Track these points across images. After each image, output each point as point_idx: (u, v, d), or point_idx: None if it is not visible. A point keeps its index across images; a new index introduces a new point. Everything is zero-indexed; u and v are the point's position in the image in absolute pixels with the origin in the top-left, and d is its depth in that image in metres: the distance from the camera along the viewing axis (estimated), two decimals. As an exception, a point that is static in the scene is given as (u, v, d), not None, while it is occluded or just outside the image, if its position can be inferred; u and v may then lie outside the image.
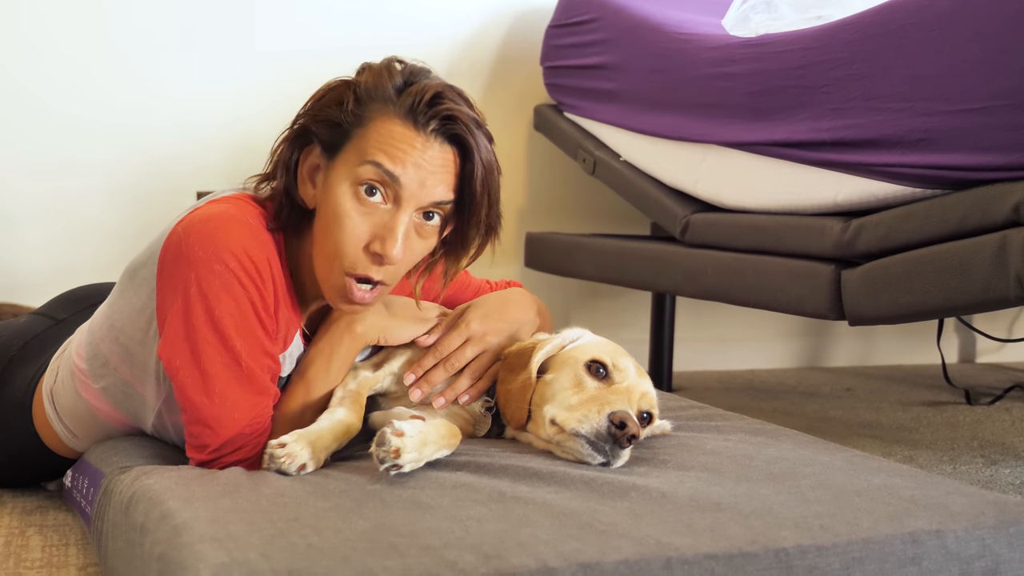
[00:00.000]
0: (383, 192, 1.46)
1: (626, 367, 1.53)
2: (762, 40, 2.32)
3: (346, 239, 1.46)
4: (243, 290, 1.43)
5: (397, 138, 1.45)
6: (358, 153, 1.46)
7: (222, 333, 1.43)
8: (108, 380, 1.64)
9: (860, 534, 1.17)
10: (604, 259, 2.76)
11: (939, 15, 1.85)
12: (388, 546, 1.09)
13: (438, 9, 3.24)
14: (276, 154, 1.54)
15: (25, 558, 1.58)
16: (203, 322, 1.43)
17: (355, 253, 1.47)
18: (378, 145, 1.45)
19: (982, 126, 1.78)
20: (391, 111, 1.46)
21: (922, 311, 1.87)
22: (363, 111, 1.47)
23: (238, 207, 1.50)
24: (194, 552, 1.07)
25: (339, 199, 1.46)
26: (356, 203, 1.46)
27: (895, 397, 3.10)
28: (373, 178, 1.45)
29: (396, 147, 1.45)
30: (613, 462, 1.42)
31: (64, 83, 2.87)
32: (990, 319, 3.74)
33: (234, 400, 1.45)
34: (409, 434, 1.33)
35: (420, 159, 1.45)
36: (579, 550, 1.09)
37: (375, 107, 1.47)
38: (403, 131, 1.45)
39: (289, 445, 1.38)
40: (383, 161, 1.44)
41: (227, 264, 1.42)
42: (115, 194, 2.93)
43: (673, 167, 2.61)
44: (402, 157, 1.44)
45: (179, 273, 1.44)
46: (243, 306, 1.44)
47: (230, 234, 1.44)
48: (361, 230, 1.46)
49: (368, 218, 1.46)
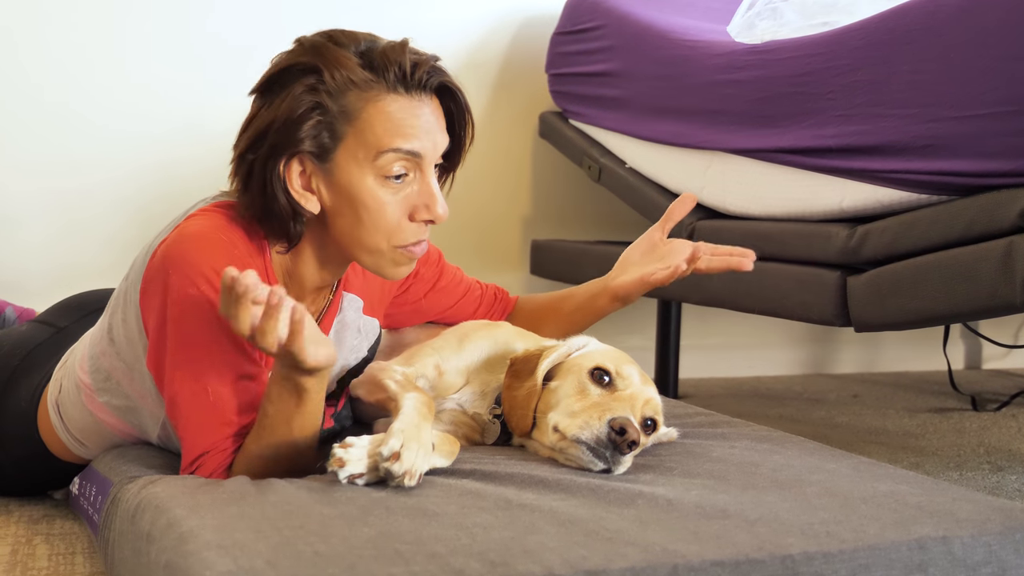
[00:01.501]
0: (409, 170, 1.49)
1: (630, 374, 1.53)
2: (767, 47, 2.32)
3: (391, 222, 1.49)
4: (213, 310, 1.41)
5: (400, 115, 1.46)
6: (367, 147, 1.46)
7: (191, 357, 1.43)
8: (112, 393, 1.64)
9: (866, 541, 1.17)
10: (610, 266, 2.76)
11: (945, 21, 1.85)
12: (394, 553, 1.09)
13: (443, 16, 3.24)
14: (252, 176, 1.48)
15: (32, 567, 1.58)
16: (173, 346, 1.44)
17: (404, 229, 1.50)
18: (386, 131, 1.45)
19: (988, 132, 1.78)
20: (377, 92, 1.46)
21: (928, 317, 1.87)
22: (345, 104, 1.45)
23: (216, 223, 1.49)
24: (200, 559, 1.07)
25: (368, 193, 1.48)
26: (388, 191, 1.48)
27: (901, 403, 3.09)
28: (398, 162, 1.47)
29: (404, 124, 1.46)
30: (615, 469, 1.42)
31: (67, 84, 2.88)
32: (996, 325, 3.72)
33: (197, 424, 1.45)
34: (358, 445, 1.32)
35: (426, 123, 1.48)
36: (585, 557, 1.09)
37: (356, 95, 1.46)
38: (400, 105, 1.46)
39: (404, 456, 1.29)
40: (402, 145, 1.46)
41: (199, 288, 1.42)
42: (117, 195, 2.93)
43: (678, 174, 2.61)
44: (414, 131, 1.47)
45: (155, 296, 1.45)
46: (215, 330, 1.42)
47: (201, 256, 1.43)
48: (401, 209, 1.50)
49: (402, 196, 1.49)
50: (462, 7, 3.27)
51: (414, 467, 1.29)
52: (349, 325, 1.74)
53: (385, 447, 1.28)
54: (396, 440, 1.29)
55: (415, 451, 1.30)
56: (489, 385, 1.65)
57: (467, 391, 1.64)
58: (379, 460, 1.29)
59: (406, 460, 1.28)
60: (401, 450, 1.28)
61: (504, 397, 1.58)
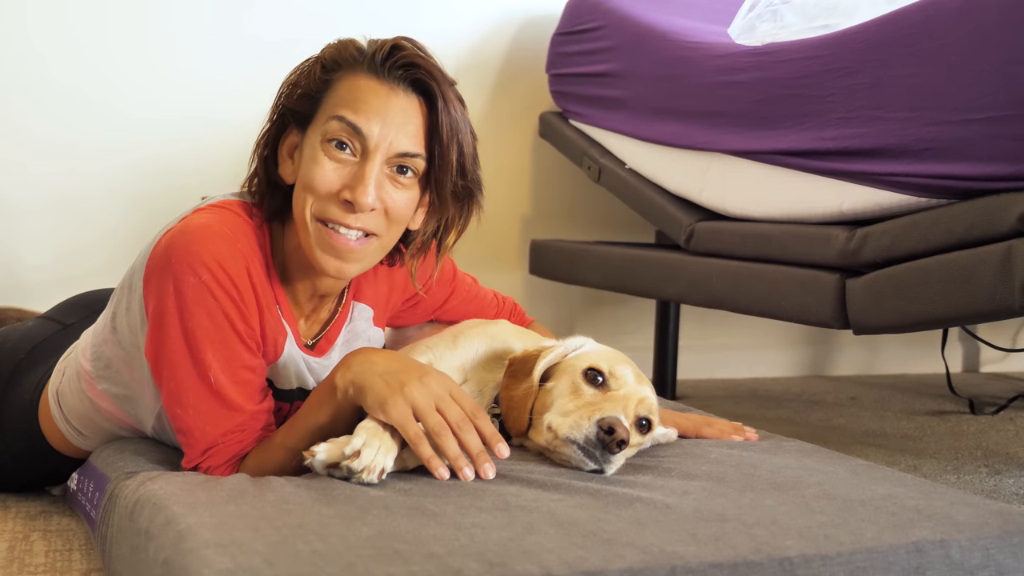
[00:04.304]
0: (351, 146, 1.48)
1: (623, 374, 1.54)
2: (768, 49, 2.32)
3: (316, 186, 1.48)
4: (216, 303, 1.43)
5: (362, 90, 1.48)
6: (325, 114, 1.50)
7: (193, 347, 1.44)
8: (111, 381, 1.65)
9: (864, 544, 1.17)
10: (609, 267, 2.77)
11: (945, 25, 1.86)
12: (392, 553, 1.09)
13: (443, 16, 3.24)
14: (260, 147, 1.58)
15: (29, 563, 1.58)
16: (175, 335, 1.44)
17: (325, 199, 1.49)
18: (343, 101, 1.48)
19: (988, 136, 1.78)
20: (355, 69, 1.50)
21: (927, 320, 1.87)
22: (330, 76, 1.51)
23: (221, 217, 1.50)
24: (199, 557, 1.07)
25: (310, 149, 1.50)
26: (326, 157, 1.48)
27: (899, 406, 3.09)
28: (339, 131, 1.48)
29: (360, 99, 1.48)
30: (606, 468, 1.43)
31: (72, 77, 2.88)
32: (995, 329, 3.73)
33: (206, 413, 1.46)
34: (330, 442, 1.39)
35: (384, 108, 1.48)
36: (583, 558, 1.09)
37: (341, 71, 1.51)
38: (367, 83, 1.49)
39: (363, 454, 1.34)
40: (346, 114, 1.47)
41: (200, 277, 1.42)
42: (119, 190, 2.93)
43: (678, 175, 2.61)
44: (365, 108, 1.48)
45: (157, 285, 1.45)
46: (217, 319, 1.44)
47: (205, 247, 1.44)
48: (332, 179, 1.48)
49: (339, 170, 1.49)
50: (463, 7, 3.27)
51: (373, 464, 1.33)
52: (360, 335, 1.74)
53: (348, 446, 1.34)
54: (359, 439, 1.35)
55: (375, 448, 1.34)
56: (487, 384, 1.66)
57: (465, 389, 1.64)
58: (340, 458, 1.34)
59: (364, 457, 1.33)
60: (362, 448, 1.34)
61: (502, 397, 1.59)
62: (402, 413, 1.37)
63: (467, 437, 1.39)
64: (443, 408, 1.40)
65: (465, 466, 1.38)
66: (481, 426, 1.42)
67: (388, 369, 1.42)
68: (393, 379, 1.40)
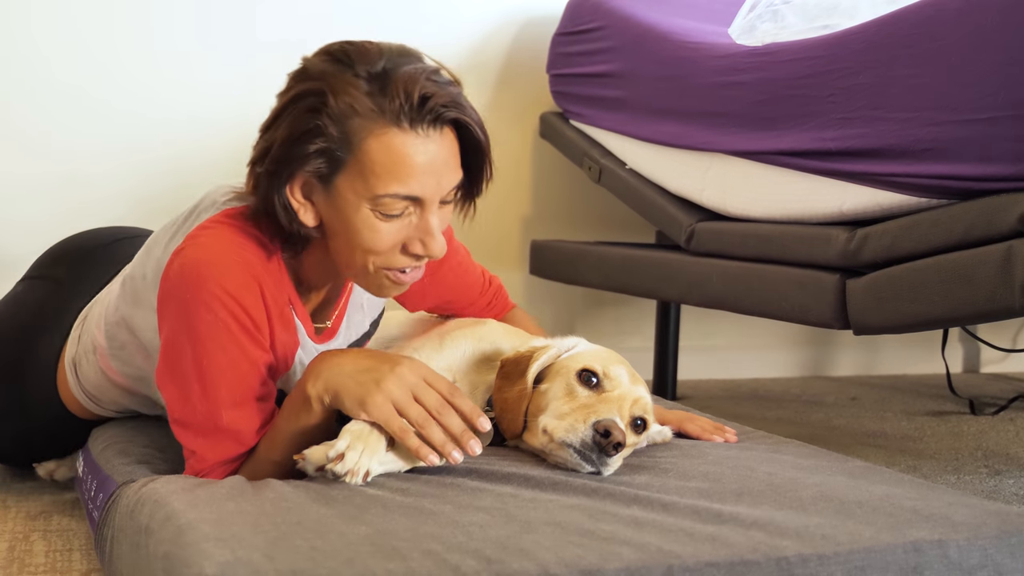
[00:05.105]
0: (408, 208, 1.43)
1: (618, 375, 1.53)
2: (768, 49, 2.32)
3: (382, 249, 1.44)
4: (231, 336, 1.41)
5: (401, 154, 1.38)
6: (364, 182, 1.40)
7: (207, 384, 1.42)
8: (124, 362, 1.68)
9: (862, 543, 1.17)
10: (609, 267, 2.77)
11: (946, 25, 1.86)
12: (391, 549, 1.09)
13: (444, 16, 3.25)
14: (259, 186, 1.46)
15: (29, 563, 1.58)
16: (188, 369, 1.43)
17: (392, 255, 1.46)
18: (385, 170, 1.38)
19: (988, 136, 1.78)
20: (380, 124, 1.38)
21: (927, 321, 1.87)
22: (347, 132, 1.38)
23: (229, 238, 1.46)
24: (199, 550, 1.08)
25: (363, 222, 1.42)
26: (382, 222, 1.42)
27: (899, 407, 3.09)
28: (394, 205, 1.41)
29: (404, 165, 1.38)
30: (602, 470, 1.43)
31: (79, 70, 2.88)
32: (995, 329, 3.73)
33: (213, 443, 1.45)
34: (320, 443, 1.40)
35: (430, 162, 1.40)
36: (580, 556, 1.09)
37: (358, 123, 1.38)
38: (403, 141, 1.38)
39: (347, 456, 1.34)
40: (399, 190, 1.39)
41: (217, 314, 1.40)
42: (124, 192, 2.93)
43: (679, 175, 2.61)
44: (413, 173, 1.39)
45: (171, 315, 1.44)
46: (232, 355, 1.42)
47: (220, 282, 1.41)
48: (396, 239, 1.44)
49: (397, 227, 1.43)
50: (464, 7, 3.27)
51: (357, 467, 1.34)
52: (353, 303, 1.73)
53: (332, 449, 1.34)
54: (343, 442, 1.35)
55: (359, 451, 1.34)
56: (478, 386, 1.65)
57: None
58: (325, 461, 1.34)
59: (348, 460, 1.34)
60: (346, 451, 1.34)
61: (495, 399, 1.58)
62: (382, 410, 1.37)
63: (448, 421, 1.39)
64: (420, 396, 1.39)
65: (453, 450, 1.38)
66: (459, 404, 1.41)
67: (358, 368, 1.40)
68: (366, 377, 1.39)
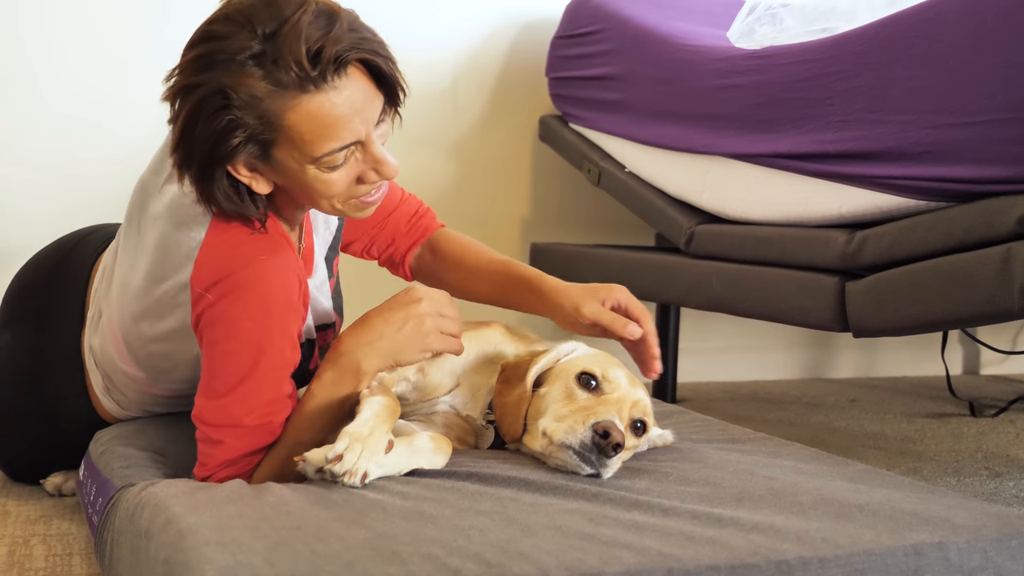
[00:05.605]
0: (350, 152, 1.46)
1: (616, 377, 1.54)
2: (767, 52, 2.32)
3: (337, 192, 1.48)
4: (272, 339, 1.47)
5: (321, 114, 1.39)
6: (299, 150, 1.41)
7: (252, 382, 1.46)
8: (171, 381, 1.69)
9: (862, 546, 1.17)
10: (609, 270, 2.77)
11: (945, 28, 1.86)
12: (391, 553, 1.09)
13: (443, 19, 3.25)
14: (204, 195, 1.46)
15: (29, 567, 1.58)
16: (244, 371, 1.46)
17: (351, 190, 1.49)
18: (314, 135, 1.40)
19: (987, 139, 1.78)
20: (289, 96, 1.38)
21: (926, 323, 1.87)
22: (262, 115, 1.38)
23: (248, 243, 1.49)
24: (199, 555, 1.08)
25: (312, 179, 1.45)
26: (331, 173, 1.45)
27: (899, 409, 3.09)
28: (338, 159, 1.44)
29: (329, 123, 1.40)
30: (602, 472, 1.43)
31: (71, 78, 2.88)
32: (994, 331, 3.73)
33: (242, 436, 1.48)
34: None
35: (349, 107, 1.40)
36: (580, 560, 1.09)
37: (268, 104, 1.38)
38: (319, 104, 1.38)
39: (345, 458, 1.35)
40: (334, 145, 1.42)
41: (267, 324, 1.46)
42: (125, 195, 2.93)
43: (678, 178, 2.61)
44: (340, 124, 1.40)
45: (217, 323, 1.47)
46: (286, 355, 1.49)
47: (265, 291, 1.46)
48: (348, 179, 1.48)
49: (346, 170, 1.47)
50: (462, 10, 3.27)
51: (355, 468, 1.34)
52: (315, 219, 1.77)
53: (331, 451, 1.34)
54: (341, 443, 1.35)
55: (358, 453, 1.35)
56: (480, 389, 1.65)
57: (459, 393, 1.65)
58: (323, 462, 1.35)
59: (347, 461, 1.34)
60: (344, 452, 1.34)
61: (495, 403, 1.59)
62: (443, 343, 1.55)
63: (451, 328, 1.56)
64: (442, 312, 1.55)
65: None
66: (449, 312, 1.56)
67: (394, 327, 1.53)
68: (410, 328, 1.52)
